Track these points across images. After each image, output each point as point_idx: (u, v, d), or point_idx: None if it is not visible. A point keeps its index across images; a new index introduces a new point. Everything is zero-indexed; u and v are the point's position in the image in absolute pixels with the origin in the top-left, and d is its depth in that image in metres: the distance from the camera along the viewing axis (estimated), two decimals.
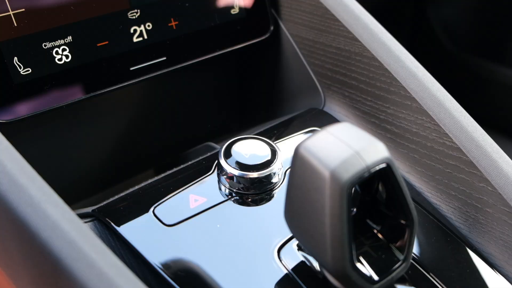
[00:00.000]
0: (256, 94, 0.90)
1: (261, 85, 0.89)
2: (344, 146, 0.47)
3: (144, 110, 0.83)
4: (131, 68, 0.72)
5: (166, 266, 0.54)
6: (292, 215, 0.50)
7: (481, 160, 0.59)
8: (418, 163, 0.66)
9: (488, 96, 1.49)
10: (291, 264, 0.55)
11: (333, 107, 0.76)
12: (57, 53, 0.66)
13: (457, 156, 0.61)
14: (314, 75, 0.78)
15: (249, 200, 0.61)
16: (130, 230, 0.57)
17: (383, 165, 0.48)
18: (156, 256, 0.55)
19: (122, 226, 0.57)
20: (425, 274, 0.55)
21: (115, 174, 0.83)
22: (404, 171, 0.67)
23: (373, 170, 0.47)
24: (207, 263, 0.55)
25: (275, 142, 0.66)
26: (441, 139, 0.63)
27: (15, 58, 0.63)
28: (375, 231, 0.54)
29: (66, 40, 0.67)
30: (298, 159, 0.48)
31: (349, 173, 0.46)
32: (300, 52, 0.80)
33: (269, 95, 0.87)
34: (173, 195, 0.61)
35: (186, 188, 0.62)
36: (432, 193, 0.64)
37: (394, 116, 0.68)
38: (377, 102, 0.70)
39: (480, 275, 0.57)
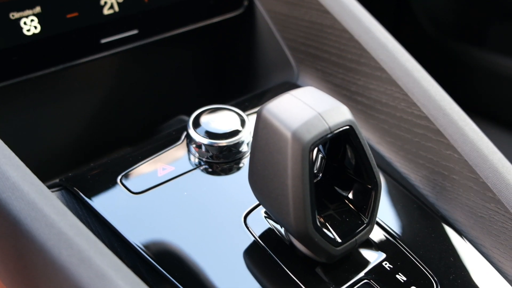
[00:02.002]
0: (231, 70, 0.90)
1: (236, 61, 0.88)
2: (307, 108, 0.47)
3: (118, 86, 0.82)
4: (102, 41, 0.71)
5: (132, 232, 0.54)
6: (256, 178, 0.50)
7: (448, 128, 0.60)
8: (387, 133, 0.66)
9: (469, 81, 1.50)
10: (258, 231, 0.55)
11: (306, 81, 0.76)
12: (25, 23, 0.65)
13: (424, 125, 0.62)
14: (288, 49, 0.78)
15: (218, 169, 0.61)
16: (97, 198, 0.57)
17: (346, 127, 0.48)
18: (122, 223, 0.55)
19: (89, 194, 0.57)
20: (390, 239, 0.56)
21: (89, 151, 0.83)
22: (374, 142, 0.68)
23: (336, 132, 0.47)
24: (174, 231, 0.55)
25: (245, 113, 0.66)
26: (409, 108, 0.63)
27: None
28: (344, 198, 0.54)
29: (35, 11, 0.66)
30: (260, 121, 0.48)
31: (311, 134, 0.46)
32: (274, 27, 0.80)
33: (244, 70, 0.87)
34: (141, 164, 0.60)
35: (154, 157, 0.61)
36: (401, 163, 0.65)
37: (365, 88, 0.68)
38: (348, 74, 0.70)
39: (445, 240, 0.57)
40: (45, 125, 0.78)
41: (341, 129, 0.48)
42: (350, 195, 0.54)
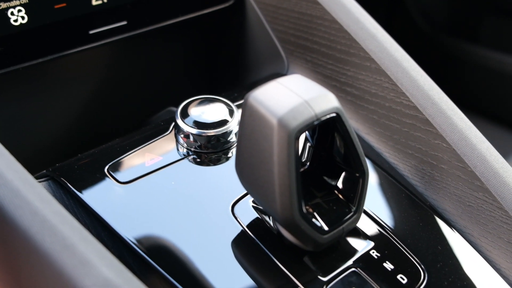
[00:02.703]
0: (221, 62, 0.89)
1: (226, 53, 0.88)
2: (294, 95, 0.47)
3: (107, 77, 0.82)
4: (91, 32, 0.71)
5: (119, 222, 0.54)
6: (243, 166, 0.50)
7: (436, 117, 0.59)
8: (377, 123, 0.66)
9: (461, 76, 1.50)
10: (245, 221, 0.55)
11: (296, 72, 0.76)
12: (12, 14, 0.65)
13: (413, 114, 0.61)
14: (278, 41, 0.78)
15: (206, 159, 0.61)
16: (84, 188, 0.56)
17: (333, 115, 0.48)
18: (109, 213, 0.54)
19: (76, 185, 0.57)
20: (378, 228, 0.56)
21: (78, 144, 0.82)
22: (364, 132, 0.67)
23: (322, 119, 0.47)
24: (161, 220, 0.54)
25: (234, 104, 0.65)
26: (398, 98, 0.63)
27: None
28: (331, 187, 0.54)
29: (22, 1, 0.65)
30: (247, 109, 0.48)
31: (297, 120, 0.46)
32: (264, 19, 0.79)
33: (234, 62, 0.87)
34: (129, 154, 0.60)
35: (142, 147, 0.61)
36: (390, 153, 0.65)
37: (354, 78, 0.68)
38: (338, 65, 0.70)
39: (433, 229, 0.57)
40: (34, 117, 0.77)
41: (327, 116, 0.47)
42: (338, 184, 0.53)
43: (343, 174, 0.53)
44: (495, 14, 1.47)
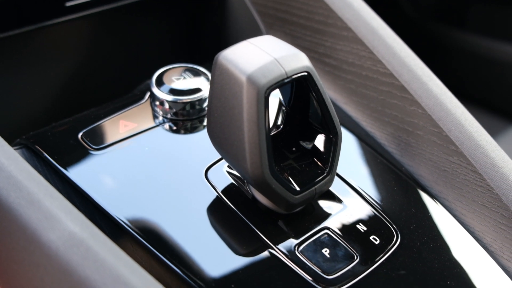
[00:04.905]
0: (201, 36, 0.89)
1: (206, 27, 0.88)
2: (264, 54, 0.47)
3: (86, 51, 0.81)
4: (67, 4, 0.70)
5: (91, 186, 0.53)
6: (214, 126, 0.49)
7: (412, 83, 0.59)
8: (354, 93, 0.66)
9: (449, 62, 1.50)
10: (220, 185, 0.55)
11: None
12: None
13: (389, 82, 0.61)
14: (257, 14, 0.78)
15: (181, 126, 0.60)
16: (58, 155, 0.56)
17: (303, 74, 0.48)
18: (82, 178, 0.54)
19: (49, 151, 0.56)
20: (352, 192, 0.55)
21: (55, 118, 0.81)
22: (342, 102, 0.67)
23: (293, 77, 0.47)
24: (134, 185, 0.54)
25: (209, 72, 0.65)
26: (375, 66, 0.63)
27: None
28: (305, 150, 0.54)
29: None
30: (217, 68, 0.47)
31: (266, 78, 0.45)
32: None
33: (214, 37, 0.86)
34: (103, 122, 0.60)
35: (117, 115, 0.61)
36: (367, 122, 0.65)
37: (332, 49, 0.68)
38: (316, 36, 0.70)
39: (407, 193, 0.57)
40: (9, 89, 0.76)
41: (298, 75, 0.47)
42: (311, 147, 0.53)
43: (317, 136, 0.53)
44: (483, 1, 1.47)
